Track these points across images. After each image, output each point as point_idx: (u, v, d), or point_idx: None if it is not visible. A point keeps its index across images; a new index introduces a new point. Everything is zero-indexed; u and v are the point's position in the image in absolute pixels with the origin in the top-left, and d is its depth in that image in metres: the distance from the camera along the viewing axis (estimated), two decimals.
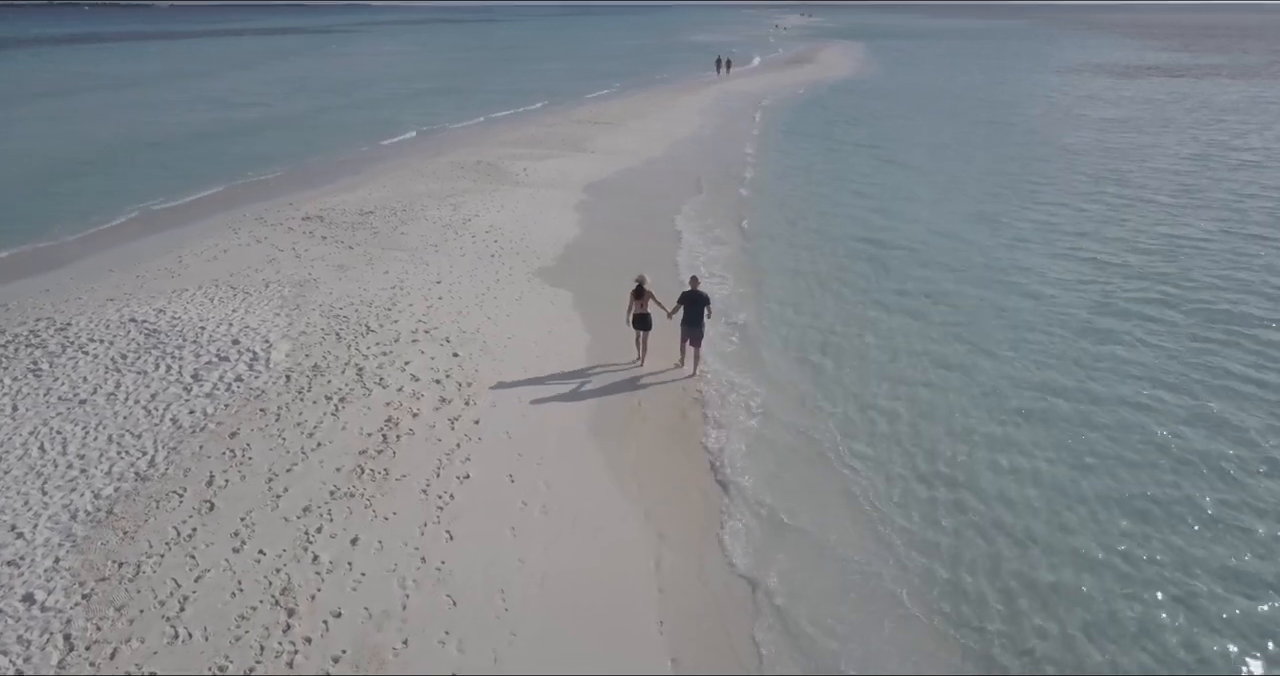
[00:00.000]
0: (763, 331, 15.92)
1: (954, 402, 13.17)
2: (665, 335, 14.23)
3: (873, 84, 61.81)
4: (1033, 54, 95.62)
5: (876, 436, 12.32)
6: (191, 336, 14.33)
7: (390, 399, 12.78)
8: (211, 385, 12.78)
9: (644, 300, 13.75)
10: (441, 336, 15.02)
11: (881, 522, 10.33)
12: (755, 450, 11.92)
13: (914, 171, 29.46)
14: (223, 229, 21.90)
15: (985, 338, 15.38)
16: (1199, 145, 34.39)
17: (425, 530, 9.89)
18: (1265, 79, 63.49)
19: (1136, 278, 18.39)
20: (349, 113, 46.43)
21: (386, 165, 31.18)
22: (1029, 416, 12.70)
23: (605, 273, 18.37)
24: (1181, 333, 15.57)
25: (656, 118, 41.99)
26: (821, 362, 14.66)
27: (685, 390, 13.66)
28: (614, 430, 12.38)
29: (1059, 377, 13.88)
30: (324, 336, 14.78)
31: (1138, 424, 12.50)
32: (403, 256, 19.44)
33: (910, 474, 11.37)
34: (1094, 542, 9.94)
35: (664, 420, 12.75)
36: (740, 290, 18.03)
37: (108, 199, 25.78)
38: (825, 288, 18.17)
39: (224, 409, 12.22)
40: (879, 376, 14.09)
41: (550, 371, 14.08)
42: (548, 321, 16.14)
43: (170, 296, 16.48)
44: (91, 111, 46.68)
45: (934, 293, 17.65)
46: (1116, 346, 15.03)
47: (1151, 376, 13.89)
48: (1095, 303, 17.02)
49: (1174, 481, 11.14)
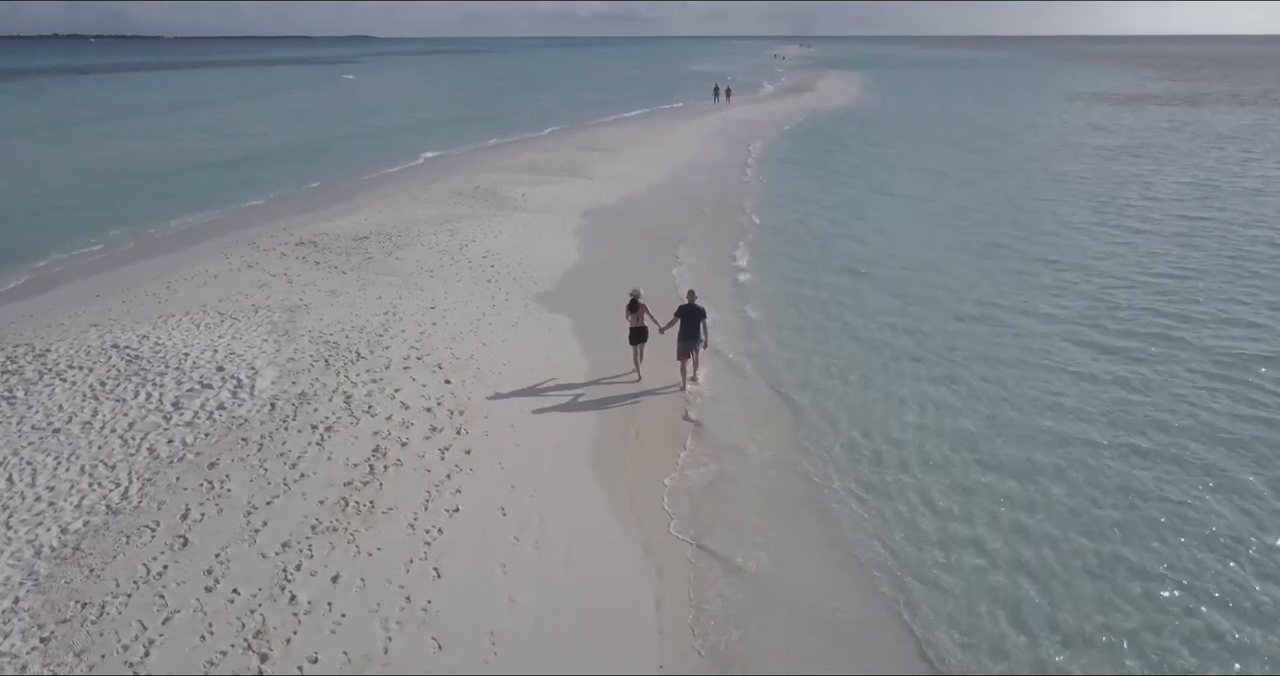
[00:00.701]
0: (760, 362, 15.42)
1: (957, 443, 12.50)
2: (664, 351, 14.30)
3: (871, 112, 61.96)
4: (1031, 83, 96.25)
5: (874, 483, 11.71)
6: (174, 363, 13.83)
7: (379, 427, 12.27)
8: (192, 413, 12.27)
9: (639, 313, 13.97)
10: (434, 363, 14.53)
11: (879, 575, 9.63)
12: (740, 488, 11.38)
13: (914, 201, 28.99)
14: (214, 254, 21.50)
15: (986, 374, 14.58)
16: (1201, 173, 33.98)
17: (411, 567, 9.33)
18: (1262, 106, 63.69)
19: (1140, 311, 17.58)
20: (348, 141, 46.39)
21: (383, 191, 30.88)
22: (1027, 464, 11.85)
23: (602, 298, 17.94)
24: (1184, 372, 14.67)
25: (655, 144, 41.85)
26: (822, 396, 14.12)
27: (685, 415, 13.17)
28: (611, 459, 11.86)
29: (1058, 419, 13.14)
30: (312, 363, 14.29)
31: (1137, 471, 11.77)
32: (397, 282, 19.01)
33: (907, 525, 10.74)
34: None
35: (664, 449, 12.22)
36: (740, 318, 17.55)
37: (99, 225, 25.44)
38: (825, 317, 17.59)
39: (204, 438, 11.69)
40: (876, 413, 13.42)
41: (546, 398, 13.58)
42: (544, 347, 15.67)
43: (156, 322, 16.02)
44: (90, 140, 46.64)
45: (934, 326, 16.87)
46: (1118, 386, 14.17)
47: (1155, 419, 13.04)
48: (1096, 339, 16.12)
49: (1189, 533, 10.58)
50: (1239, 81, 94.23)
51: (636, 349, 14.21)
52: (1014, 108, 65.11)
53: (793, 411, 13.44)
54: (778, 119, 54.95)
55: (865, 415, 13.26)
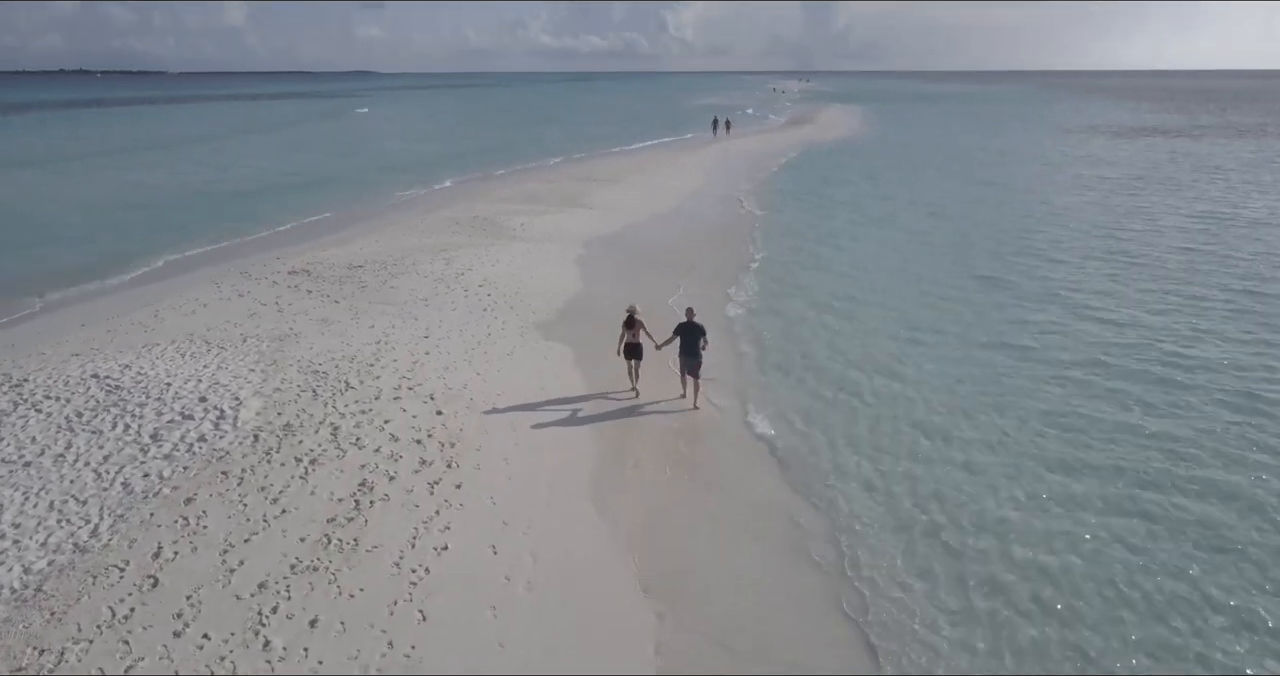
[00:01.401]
0: (757, 397, 14.89)
1: (952, 486, 12.01)
2: (660, 367, 14.67)
3: (870, 144, 62.05)
4: (1029, 116, 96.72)
5: (877, 520, 11.19)
6: (155, 393, 13.33)
7: (366, 460, 11.72)
8: (171, 446, 11.74)
9: (635, 330, 14.08)
10: (425, 393, 14.02)
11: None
12: (733, 531, 10.82)
13: (914, 233, 28.26)
14: (205, 283, 21.08)
15: (985, 410, 13.94)
16: (1205, 204, 33.40)
17: (395, 609, 8.74)
18: (1260, 137, 63.79)
19: (1145, 348, 16.76)
20: (347, 173, 46.26)
21: (380, 221, 30.59)
22: (1037, 499, 11.38)
23: (599, 327, 17.49)
24: (1191, 407, 14.02)
25: (656, 175, 41.72)
26: (825, 429, 13.63)
27: (686, 440, 12.65)
28: (610, 493, 11.31)
29: (1065, 472, 12.51)
30: (299, 393, 13.78)
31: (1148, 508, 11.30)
32: (390, 310, 18.57)
33: (892, 577, 10.22)
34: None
35: (664, 479, 11.68)
36: (736, 352, 16.99)
37: (89, 256, 25.05)
38: (821, 352, 16.90)
39: (182, 472, 11.15)
40: (881, 445, 12.92)
41: (541, 428, 13.06)
42: (540, 376, 15.17)
43: (140, 351, 15.54)
44: (89, 173, 46.53)
45: (932, 363, 16.18)
46: (1124, 417, 13.61)
47: (1164, 447, 12.52)
48: (1098, 377, 15.38)
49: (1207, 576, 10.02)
50: (1234, 114, 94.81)
51: (631, 364, 14.34)
52: (1014, 139, 65.24)
53: (786, 450, 12.91)
54: (778, 151, 54.96)
55: (860, 454, 12.71)
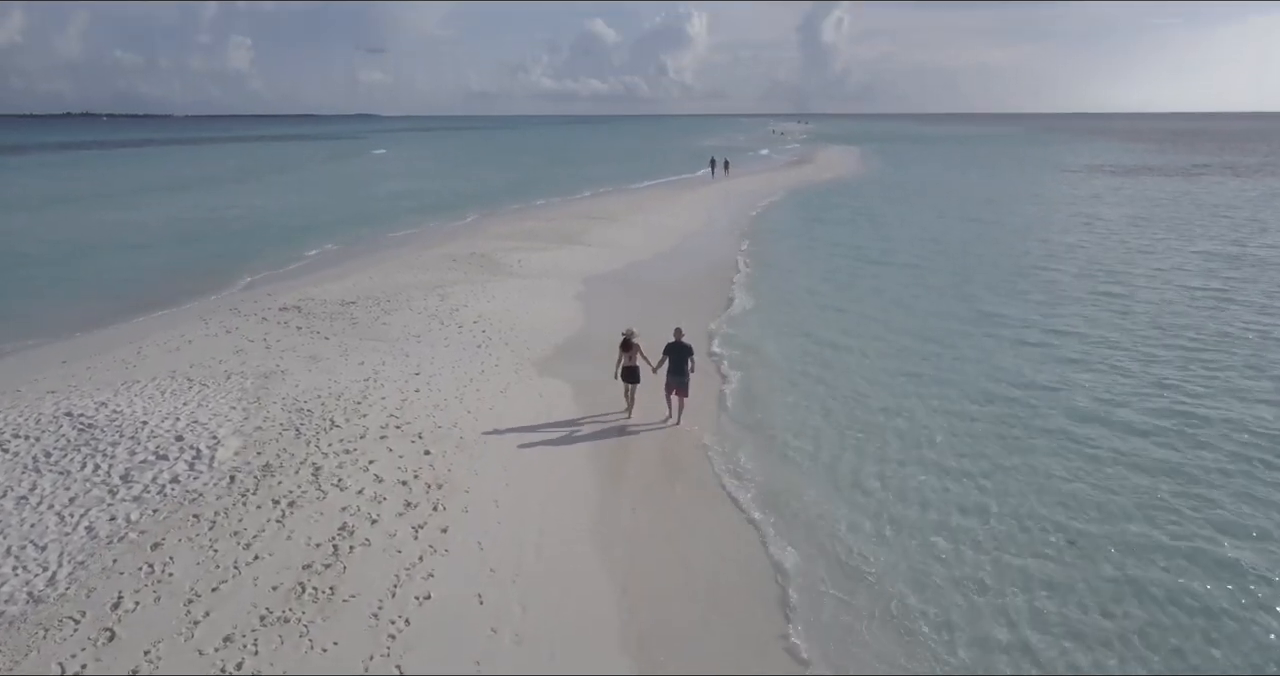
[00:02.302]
0: (757, 434, 14.33)
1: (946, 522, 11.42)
2: (656, 392, 14.57)
3: (869, 183, 62.06)
4: (1029, 157, 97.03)
5: (863, 573, 10.56)
6: (130, 432, 12.73)
7: (347, 503, 11.09)
8: (142, 487, 11.12)
9: (632, 353, 14.19)
10: (414, 432, 13.43)
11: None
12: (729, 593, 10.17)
13: (914, 272, 27.38)
14: (192, 319, 20.59)
15: (984, 456, 13.20)
16: (1209, 243, 32.80)
17: (370, 665, 8.08)
18: (1262, 177, 63.72)
19: (1152, 390, 16.01)
20: (346, 211, 46.10)
21: (376, 257, 30.23)
22: (1028, 565, 10.66)
23: (596, 363, 17.01)
24: (1199, 457, 13.19)
25: (655, 213, 41.51)
26: (829, 469, 13.03)
27: (684, 482, 12.03)
28: (603, 539, 10.65)
29: (1067, 510, 11.83)
30: (281, 432, 13.19)
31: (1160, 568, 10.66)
32: (381, 347, 18.04)
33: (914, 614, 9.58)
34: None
35: (665, 523, 11.04)
36: (742, 386, 16.47)
37: (70, 296, 24.50)
38: (820, 389, 16.35)
39: (150, 515, 10.51)
40: (868, 488, 12.33)
41: (533, 470, 12.44)
42: (534, 414, 14.59)
43: (119, 388, 14.97)
44: (86, 217, 46.32)
45: (929, 398, 15.65)
46: (1126, 467, 12.83)
47: (1172, 507, 11.79)
48: (1108, 424, 14.55)
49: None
50: (1231, 154, 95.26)
51: (629, 388, 14.45)
52: (1012, 179, 65.27)
53: (796, 484, 12.30)
54: (777, 190, 54.90)
55: (850, 503, 12.08)
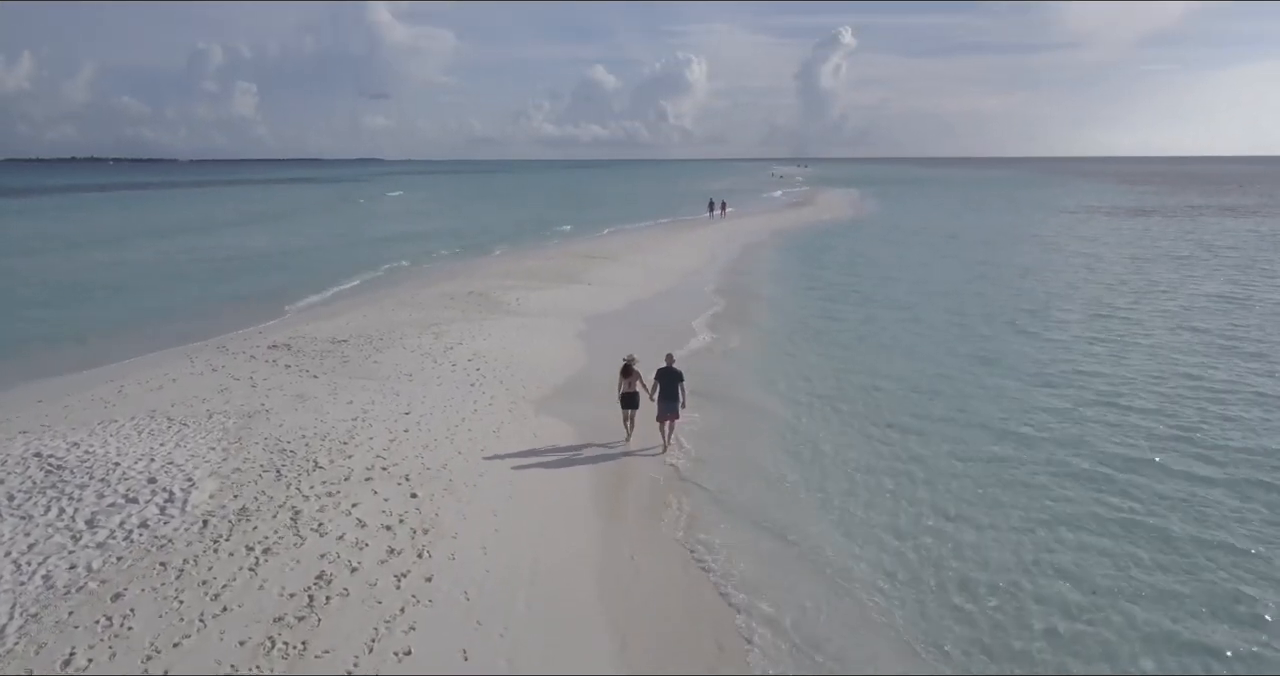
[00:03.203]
0: (771, 474, 13.69)
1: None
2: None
3: (869, 224, 61.94)
4: (1025, 198, 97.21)
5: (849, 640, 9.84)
6: (101, 474, 12.08)
7: (326, 549, 10.40)
8: (107, 533, 10.44)
9: (631, 379, 14.49)
10: (401, 474, 12.77)
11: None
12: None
13: (916, 313, 26.59)
14: (178, 357, 20.01)
15: (985, 501, 12.56)
16: (1216, 285, 31.73)
17: None
18: (1263, 218, 63.49)
19: (1164, 440, 15.05)
20: (345, 252, 45.76)
21: (372, 295, 29.79)
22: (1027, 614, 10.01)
23: (592, 403, 16.44)
24: (1220, 524, 12.08)
25: (654, 253, 41.22)
26: (836, 508, 12.36)
27: (686, 525, 11.33)
28: (601, 589, 9.95)
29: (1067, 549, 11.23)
30: (261, 473, 12.53)
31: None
32: (372, 385, 17.45)
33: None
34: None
35: (668, 570, 10.35)
36: (735, 429, 15.80)
37: (53, 336, 23.90)
38: (822, 431, 15.78)
39: (114, 563, 9.82)
40: (865, 540, 11.68)
41: (524, 514, 11.76)
42: (527, 455, 13.94)
43: (95, 428, 14.35)
44: (82, 260, 46.10)
45: (926, 440, 14.99)
46: (1141, 517, 12.11)
47: (1190, 558, 11.15)
48: (1114, 473, 13.84)
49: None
50: (1231, 196, 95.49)
51: (628, 413, 14.67)
52: (1012, 219, 65.15)
53: (798, 521, 11.61)
54: (778, 231, 54.73)
55: (849, 554, 11.41)
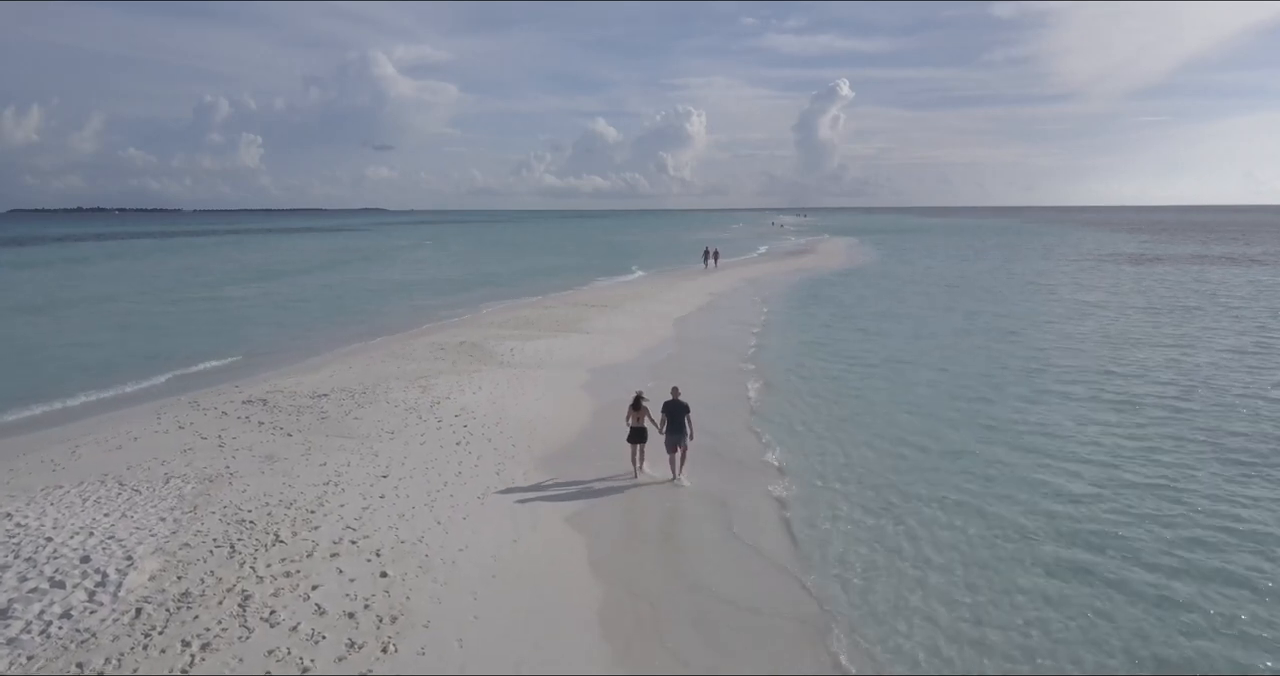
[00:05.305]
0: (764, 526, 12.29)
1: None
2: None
3: (870, 273, 60.87)
4: (1026, 246, 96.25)
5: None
6: (28, 552, 10.67)
7: (276, 644, 8.96)
8: (22, 626, 9.00)
9: (640, 413, 14.58)
10: (371, 548, 11.37)
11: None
12: None
13: (923, 370, 24.68)
14: (145, 415, 18.66)
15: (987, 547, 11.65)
16: (1232, 337, 30.05)
17: None
18: (1266, 267, 62.56)
19: (1180, 513, 13.66)
20: (338, 303, 44.64)
21: (360, 346, 28.55)
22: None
23: (586, 462, 15.09)
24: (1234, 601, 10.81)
25: (653, 301, 40.08)
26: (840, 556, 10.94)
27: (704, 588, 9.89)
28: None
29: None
30: (213, 549, 11.13)
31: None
32: (349, 445, 16.10)
33: None
34: None
35: (673, 638, 8.88)
36: (753, 478, 14.49)
37: (12, 393, 22.53)
38: (824, 482, 14.54)
39: (23, 664, 8.37)
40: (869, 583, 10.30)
41: (508, 596, 10.32)
42: (514, 525, 12.52)
43: (35, 496, 12.96)
44: (78, 314, 45.05)
45: (932, 501, 13.74)
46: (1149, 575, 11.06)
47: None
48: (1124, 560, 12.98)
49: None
50: (1233, 244, 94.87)
51: (636, 448, 14.67)
52: (1016, 268, 64.18)
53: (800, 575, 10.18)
54: (779, 279, 53.79)
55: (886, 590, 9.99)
